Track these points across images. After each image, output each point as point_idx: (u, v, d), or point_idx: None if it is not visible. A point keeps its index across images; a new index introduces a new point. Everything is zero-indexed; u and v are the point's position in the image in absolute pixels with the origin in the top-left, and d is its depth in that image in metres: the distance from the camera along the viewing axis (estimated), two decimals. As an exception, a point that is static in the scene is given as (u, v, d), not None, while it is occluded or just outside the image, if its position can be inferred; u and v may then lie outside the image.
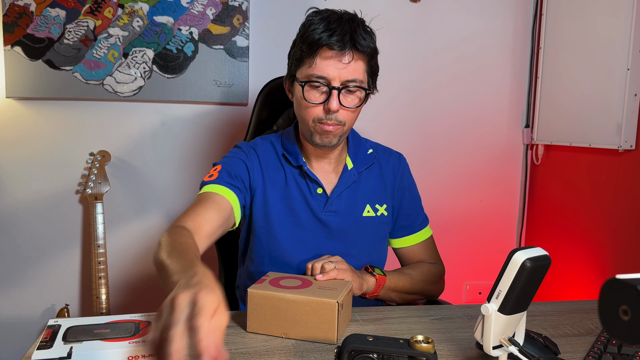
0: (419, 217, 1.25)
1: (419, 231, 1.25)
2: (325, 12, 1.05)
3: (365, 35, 1.03)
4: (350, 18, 1.04)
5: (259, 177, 1.14)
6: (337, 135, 1.07)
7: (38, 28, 1.81)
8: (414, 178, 1.28)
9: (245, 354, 0.84)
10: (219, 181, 1.09)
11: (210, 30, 1.91)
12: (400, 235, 1.24)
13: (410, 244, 1.25)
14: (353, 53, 1.02)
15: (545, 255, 0.71)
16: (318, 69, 1.02)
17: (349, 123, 1.08)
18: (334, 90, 1.02)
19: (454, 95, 2.16)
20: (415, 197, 1.26)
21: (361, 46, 1.01)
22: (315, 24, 1.02)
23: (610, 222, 1.80)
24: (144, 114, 1.95)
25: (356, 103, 1.05)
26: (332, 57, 1.01)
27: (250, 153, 1.16)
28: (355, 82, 1.03)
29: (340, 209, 1.15)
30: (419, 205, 1.27)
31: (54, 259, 1.96)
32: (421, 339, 0.70)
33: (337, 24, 1.01)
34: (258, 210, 1.15)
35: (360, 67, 1.04)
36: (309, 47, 1.02)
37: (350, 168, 1.16)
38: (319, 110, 1.04)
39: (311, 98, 1.04)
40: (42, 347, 0.69)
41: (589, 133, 1.84)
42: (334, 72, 1.01)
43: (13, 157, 1.89)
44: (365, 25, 1.06)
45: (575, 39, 1.91)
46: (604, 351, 0.83)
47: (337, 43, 0.99)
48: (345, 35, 1.00)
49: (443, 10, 2.11)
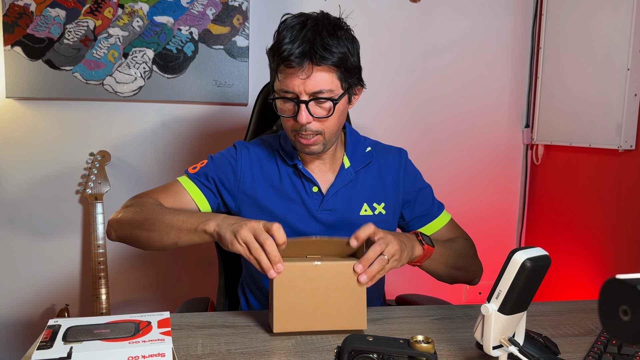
0: (434, 203, 1.25)
1: (438, 216, 1.24)
2: (293, 20, 1.02)
3: (330, 43, 0.99)
4: (315, 25, 1.00)
5: (249, 177, 1.15)
6: (319, 144, 1.06)
7: (38, 28, 1.81)
8: (417, 170, 1.26)
9: (245, 354, 0.84)
10: (195, 179, 1.14)
11: (210, 30, 1.91)
12: (421, 224, 1.23)
13: (435, 230, 1.23)
14: (312, 66, 0.99)
15: (545, 255, 0.71)
16: (284, 84, 1.02)
17: (329, 130, 1.06)
18: (301, 104, 1.01)
19: (453, 95, 2.16)
20: (425, 186, 1.24)
21: (322, 58, 0.98)
22: (281, 33, 1.01)
23: (610, 222, 1.80)
24: (144, 114, 1.95)
25: (327, 113, 1.03)
26: (292, 74, 1.00)
27: (242, 153, 1.17)
28: (323, 93, 1.01)
29: (336, 207, 1.14)
30: (431, 193, 1.25)
31: (54, 259, 1.96)
32: (421, 339, 0.70)
33: (298, 33, 0.99)
34: (249, 210, 1.15)
35: (324, 77, 1.00)
36: (272, 61, 1.03)
37: (347, 167, 1.16)
38: (294, 123, 1.04)
39: (284, 111, 1.05)
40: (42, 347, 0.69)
41: (589, 133, 1.84)
42: (298, 86, 1.00)
43: (13, 157, 1.90)
44: (335, 28, 1.02)
45: (575, 39, 1.91)
46: (604, 351, 0.83)
47: (296, 59, 0.97)
48: (305, 49, 0.97)
49: (443, 10, 2.11)
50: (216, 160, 1.17)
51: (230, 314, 1.04)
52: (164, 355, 0.70)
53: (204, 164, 1.16)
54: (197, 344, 0.88)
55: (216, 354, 0.85)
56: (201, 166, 1.16)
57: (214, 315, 1.04)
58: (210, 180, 1.15)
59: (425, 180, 1.26)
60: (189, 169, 1.17)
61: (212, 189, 1.15)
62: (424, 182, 1.25)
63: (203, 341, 0.90)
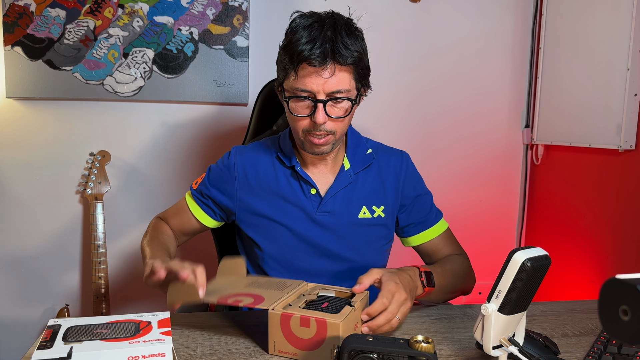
0: (432, 211, 1.22)
1: (435, 224, 1.21)
2: (308, 19, 1.02)
3: (349, 42, 0.99)
4: (333, 24, 1.00)
5: (244, 183, 1.15)
6: (330, 144, 1.06)
7: (38, 28, 1.81)
8: (419, 175, 1.25)
9: (245, 354, 0.84)
10: (195, 197, 1.21)
11: (210, 31, 1.91)
12: (417, 231, 1.21)
13: (430, 239, 1.21)
14: (335, 66, 0.99)
15: (545, 255, 0.71)
16: (301, 83, 1.00)
17: (340, 130, 1.06)
18: (319, 104, 1.00)
19: (453, 95, 2.16)
20: (424, 193, 1.22)
21: (343, 57, 0.98)
22: (297, 33, 1.00)
23: (610, 222, 1.80)
24: (144, 114, 1.95)
25: (344, 113, 1.03)
26: (314, 72, 0.98)
27: (236, 160, 1.16)
28: (341, 93, 1.01)
29: (335, 209, 1.13)
30: (430, 200, 1.23)
31: (54, 259, 1.96)
32: (421, 339, 0.70)
33: (318, 32, 0.98)
34: (244, 216, 1.16)
35: (344, 77, 1.00)
36: (290, 60, 1.01)
37: (347, 169, 1.15)
38: (307, 123, 1.03)
39: (298, 111, 1.04)
40: (42, 347, 0.69)
41: (589, 133, 1.84)
42: (317, 86, 0.99)
43: (13, 157, 1.89)
44: (350, 28, 1.02)
45: (575, 39, 1.91)
46: (604, 351, 0.83)
47: (317, 58, 0.97)
48: (327, 48, 0.97)
49: (443, 10, 2.11)
50: (212, 172, 1.19)
51: (230, 314, 1.04)
52: (164, 355, 0.70)
53: (202, 178, 1.21)
54: (197, 344, 0.88)
55: (216, 354, 0.85)
56: (200, 181, 1.21)
57: (214, 315, 1.04)
58: (206, 197, 1.19)
59: (426, 185, 1.24)
60: (193, 184, 1.22)
61: (210, 204, 1.19)
62: (424, 189, 1.23)
63: (203, 341, 0.90)
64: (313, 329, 0.81)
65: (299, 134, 1.06)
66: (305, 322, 0.81)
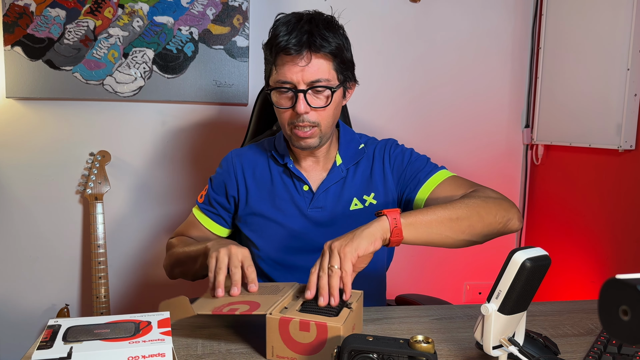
0: (427, 166, 1.15)
1: (432, 176, 1.12)
2: (288, 16, 1.05)
3: (326, 34, 1.02)
4: (310, 18, 1.04)
5: (242, 186, 1.19)
6: (316, 137, 1.07)
7: (38, 28, 1.81)
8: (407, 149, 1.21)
9: (245, 354, 0.84)
10: (203, 209, 1.23)
11: (210, 31, 1.91)
12: (414, 190, 1.13)
13: (429, 190, 1.10)
14: (311, 54, 1.01)
15: (545, 255, 0.71)
16: (281, 75, 1.03)
17: (325, 122, 1.07)
18: (299, 94, 1.03)
19: (453, 95, 2.16)
20: (415, 158, 1.17)
21: (319, 46, 1.01)
22: (277, 28, 1.03)
23: (610, 222, 1.80)
24: (144, 114, 1.95)
25: (325, 102, 1.05)
26: (291, 61, 1.02)
27: (235, 163, 1.20)
28: (321, 82, 1.03)
29: (327, 204, 1.15)
30: (423, 160, 1.18)
31: (54, 259, 1.96)
32: (421, 339, 0.70)
33: (295, 25, 1.02)
34: (244, 216, 1.19)
35: (322, 65, 1.03)
36: (269, 53, 1.05)
37: (339, 164, 1.17)
38: (291, 114, 1.06)
39: (281, 103, 1.06)
40: (42, 347, 0.69)
41: (589, 133, 1.84)
42: (296, 75, 1.02)
43: (13, 157, 1.89)
44: (329, 23, 1.05)
45: (575, 39, 1.91)
46: (604, 351, 0.83)
47: (294, 47, 1.00)
48: (302, 38, 1.00)
49: (443, 10, 2.11)
50: (214, 181, 1.22)
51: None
52: (164, 355, 0.70)
53: (206, 190, 1.23)
54: (197, 344, 0.88)
55: (216, 354, 0.85)
56: (205, 193, 1.23)
57: (214, 315, 1.04)
58: (214, 207, 1.21)
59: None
60: (198, 198, 1.25)
61: (220, 213, 1.21)
62: (414, 155, 1.18)
63: (203, 341, 0.90)
64: (313, 333, 0.81)
65: (286, 128, 1.09)
66: (304, 327, 0.81)
